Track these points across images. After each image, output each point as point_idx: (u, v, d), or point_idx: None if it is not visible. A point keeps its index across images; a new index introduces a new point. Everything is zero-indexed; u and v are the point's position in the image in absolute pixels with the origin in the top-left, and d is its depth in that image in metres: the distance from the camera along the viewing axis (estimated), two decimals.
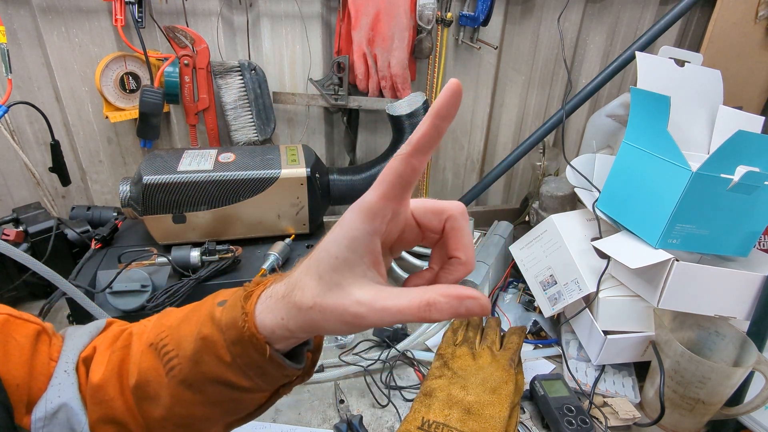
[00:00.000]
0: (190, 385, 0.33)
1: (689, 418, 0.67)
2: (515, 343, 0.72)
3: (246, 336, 0.30)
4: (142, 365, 0.34)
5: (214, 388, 0.32)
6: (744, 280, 0.67)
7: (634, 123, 0.74)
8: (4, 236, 0.77)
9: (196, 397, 0.33)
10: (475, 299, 0.26)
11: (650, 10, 1.09)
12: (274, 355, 0.31)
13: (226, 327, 0.31)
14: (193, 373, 0.32)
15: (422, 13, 0.92)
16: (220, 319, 0.31)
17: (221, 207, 0.81)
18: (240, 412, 0.36)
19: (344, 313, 0.27)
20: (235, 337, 0.30)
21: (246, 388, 0.32)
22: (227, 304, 0.32)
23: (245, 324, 0.30)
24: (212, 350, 0.31)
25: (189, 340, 0.32)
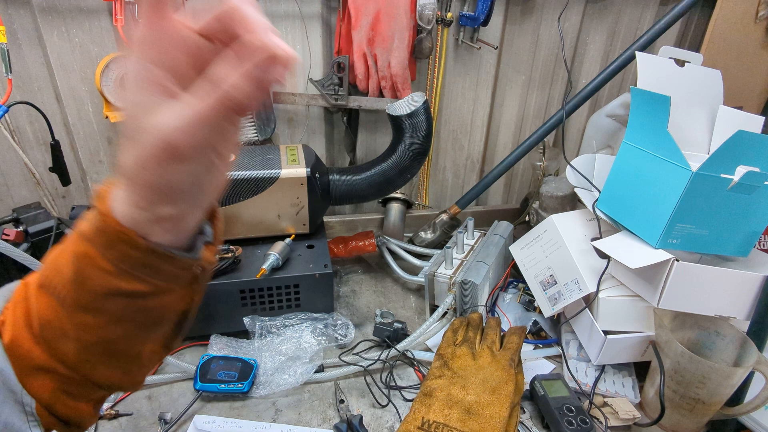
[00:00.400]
0: (86, 307, 0.32)
1: (689, 418, 0.67)
2: (515, 343, 0.72)
3: (112, 234, 0.29)
4: (40, 307, 0.34)
5: (112, 303, 0.31)
6: (744, 280, 0.67)
7: (634, 123, 0.74)
8: (4, 236, 0.77)
9: (99, 319, 0.32)
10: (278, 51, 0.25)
11: (650, 10, 1.09)
12: (151, 245, 0.29)
13: (92, 235, 0.30)
14: (82, 294, 0.31)
15: (422, 13, 0.92)
16: (86, 231, 0.30)
17: (221, 207, 0.81)
18: (161, 322, 0.35)
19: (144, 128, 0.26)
20: (105, 241, 0.29)
21: (145, 293, 0.31)
22: (87, 216, 0.31)
23: (105, 222, 0.29)
24: (91, 264, 0.30)
25: (68, 264, 0.31)
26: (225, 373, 0.71)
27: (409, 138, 0.89)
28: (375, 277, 1.02)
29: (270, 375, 0.72)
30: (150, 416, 0.67)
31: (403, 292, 0.98)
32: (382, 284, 1.00)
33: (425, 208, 1.20)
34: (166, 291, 0.32)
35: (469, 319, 0.78)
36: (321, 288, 0.82)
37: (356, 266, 1.06)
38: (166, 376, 0.73)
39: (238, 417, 0.68)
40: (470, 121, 1.15)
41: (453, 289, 0.85)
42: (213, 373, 0.71)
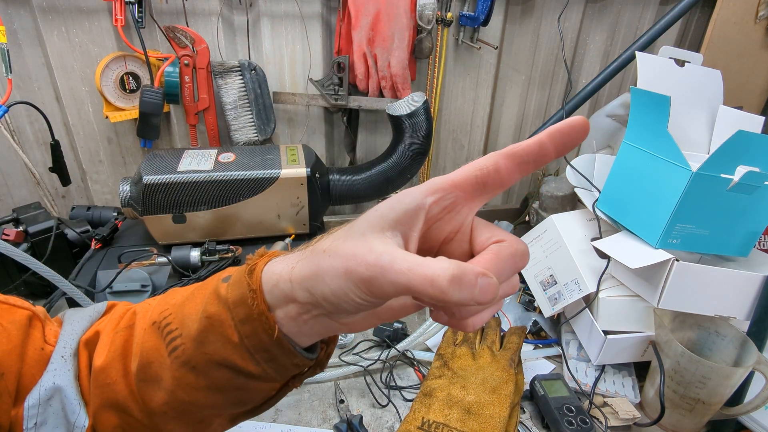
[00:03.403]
0: (194, 368, 0.31)
1: (689, 418, 0.67)
2: (515, 343, 0.72)
3: (255, 314, 0.28)
4: (145, 345, 0.33)
5: (220, 372, 0.30)
6: (744, 280, 0.67)
7: (634, 123, 0.74)
8: (4, 236, 0.77)
9: (200, 381, 0.31)
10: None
11: (650, 10, 1.09)
12: (282, 337, 0.29)
13: (233, 304, 0.29)
14: (197, 354, 0.30)
15: (422, 13, 0.92)
16: (226, 296, 0.29)
17: (221, 207, 0.81)
18: (246, 403, 0.34)
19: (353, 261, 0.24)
20: (244, 315, 0.28)
21: (253, 375, 0.30)
22: (232, 279, 0.30)
23: (254, 301, 0.28)
24: (219, 329, 0.29)
25: (194, 319, 0.30)
26: None
27: (409, 138, 0.89)
28: None
29: None
30: None
31: None
32: None
33: None
34: (271, 379, 0.31)
35: None
36: None
37: None
38: None
39: None
40: (470, 121, 1.15)
41: None
42: None
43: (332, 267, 0.25)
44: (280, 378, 0.32)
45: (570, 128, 0.25)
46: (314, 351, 0.32)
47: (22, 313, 0.35)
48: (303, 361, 0.31)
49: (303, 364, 0.31)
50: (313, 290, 0.26)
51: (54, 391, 0.33)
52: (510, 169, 0.25)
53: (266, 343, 0.29)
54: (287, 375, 0.32)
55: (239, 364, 0.29)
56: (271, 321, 0.28)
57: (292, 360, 0.30)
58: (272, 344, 0.29)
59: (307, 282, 0.27)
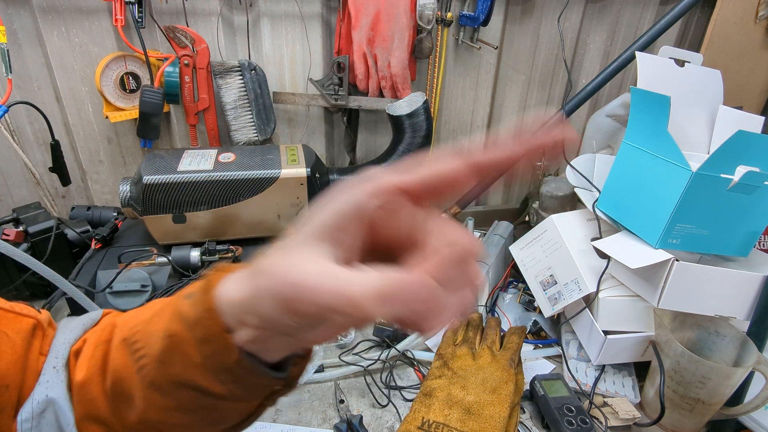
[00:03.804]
0: (159, 388, 0.29)
1: (689, 418, 0.67)
2: (515, 343, 0.72)
3: (213, 334, 0.27)
4: (116, 362, 0.31)
5: (185, 393, 0.29)
6: (744, 280, 0.67)
7: (634, 123, 0.74)
8: (4, 236, 0.77)
9: (167, 402, 0.30)
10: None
11: (650, 10, 1.09)
12: (244, 358, 0.27)
13: (193, 324, 0.27)
14: (161, 374, 0.29)
15: (422, 13, 0.92)
16: (188, 314, 0.28)
17: (221, 207, 0.81)
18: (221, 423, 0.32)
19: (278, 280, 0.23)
20: (203, 336, 0.27)
21: (220, 395, 0.29)
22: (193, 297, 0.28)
23: (210, 317, 0.26)
24: (181, 349, 0.28)
25: (158, 337, 0.29)
26: None
27: (409, 138, 0.89)
28: None
29: None
30: None
31: None
32: None
33: None
34: (241, 399, 0.30)
35: (469, 319, 0.78)
36: None
37: None
38: None
39: None
40: (470, 121, 1.15)
41: None
42: None
43: (264, 288, 0.24)
44: (251, 398, 0.30)
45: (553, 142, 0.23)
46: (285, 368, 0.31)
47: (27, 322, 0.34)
48: (271, 381, 0.29)
49: (272, 383, 0.30)
50: (258, 313, 0.25)
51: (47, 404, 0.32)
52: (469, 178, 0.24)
53: (228, 364, 0.27)
54: (258, 395, 0.30)
55: (204, 386, 0.28)
56: (229, 342, 0.26)
57: (257, 380, 0.28)
58: (234, 365, 0.27)
59: (248, 306, 0.25)
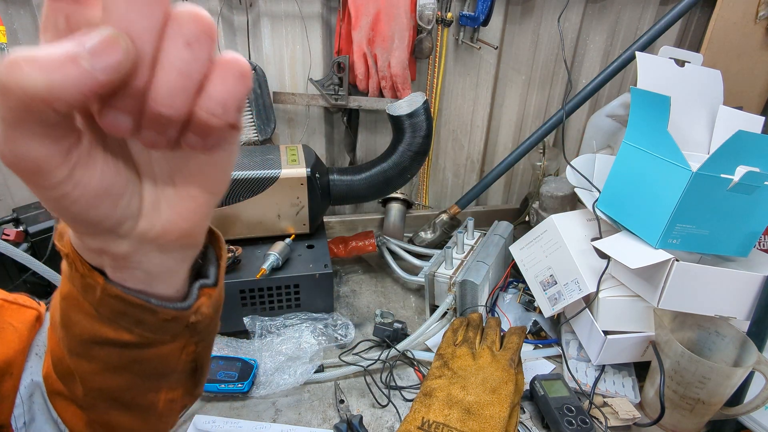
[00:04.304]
0: (78, 353, 0.28)
1: (689, 418, 0.67)
2: (515, 343, 0.72)
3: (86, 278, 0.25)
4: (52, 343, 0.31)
5: (101, 351, 0.28)
6: (744, 280, 0.67)
7: (634, 123, 0.74)
8: (4, 236, 0.77)
9: (93, 366, 0.29)
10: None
11: (650, 10, 1.09)
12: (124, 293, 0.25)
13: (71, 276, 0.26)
14: (71, 338, 0.28)
15: (422, 13, 0.92)
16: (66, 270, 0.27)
17: (221, 207, 0.81)
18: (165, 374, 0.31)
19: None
20: (81, 284, 0.26)
21: (133, 343, 0.27)
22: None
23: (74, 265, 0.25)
24: (76, 306, 0.27)
25: (56, 306, 0.29)
26: (225, 373, 0.71)
27: (409, 138, 0.89)
28: (375, 277, 1.02)
29: (270, 375, 0.72)
30: None
31: (403, 292, 0.98)
32: (382, 284, 1.00)
33: (425, 208, 1.20)
34: (157, 342, 0.28)
35: (469, 319, 0.78)
36: (321, 288, 0.82)
37: (356, 266, 1.06)
38: None
39: (238, 417, 0.68)
40: (470, 121, 1.15)
41: (453, 289, 0.85)
42: (213, 373, 0.71)
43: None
44: (169, 338, 0.29)
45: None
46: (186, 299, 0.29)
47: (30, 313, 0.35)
48: (171, 313, 0.27)
49: (176, 316, 0.28)
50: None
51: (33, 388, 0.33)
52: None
53: (117, 306, 0.26)
54: (171, 332, 0.29)
55: (112, 336, 0.27)
56: (97, 278, 0.25)
57: (157, 316, 0.27)
58: (123, 305, 0.26)
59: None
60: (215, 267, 0.31)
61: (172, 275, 0.27)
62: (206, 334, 0.31)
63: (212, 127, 0.21)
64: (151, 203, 0.24)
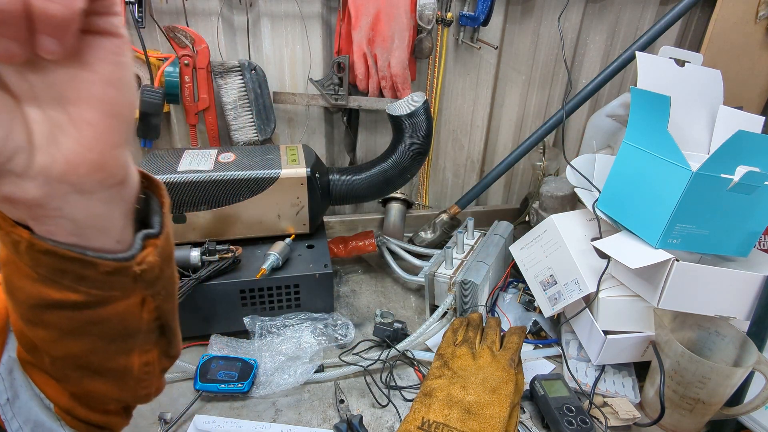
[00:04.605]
0: (31, 321, 0.28)
1: (689, 418, 0.67)
2: (515, 343, 0.72)
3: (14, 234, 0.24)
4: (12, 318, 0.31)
5: (53, 316, 0.27)
6: (744, 280, 0.67)
7: (634, 123, 0.74)
8: None
9: (51, 333, 0.28)
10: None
11: (650, 10, 1.09)
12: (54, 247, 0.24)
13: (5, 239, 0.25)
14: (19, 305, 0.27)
15: (422, 13, 0.92)
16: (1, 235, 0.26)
17: (221, 207, 0.81)
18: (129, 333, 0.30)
19: None
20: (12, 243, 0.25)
21: (83, 303, 0.26)
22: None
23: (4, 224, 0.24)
24: (16, 270, 0.26)
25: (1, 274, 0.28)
26: (225, 373, 0.71)
27: (409, 138, 0.89)
28: (375, 277, 1.02)
29: (270, 375, 0.72)
30: (150, 416, 0.67)
31: (403, 292, 0.98)
32: (382, 284, 1.00)
33: (425, 208, 1.20)
34: (108, 300, 0.27)
35: (469, 319, 0.78)
36: (321, 288, 0.82)
37: (356, 266, 1.06)
38: (166, 376, 0.73)
39: (238, 417, 0.68)
40: (470, 121, 1.15)
41: (453, 289, 0.85)
42: (213, 373, 0.71)
43: None
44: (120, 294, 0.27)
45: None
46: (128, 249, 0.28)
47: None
48: (112, 264, 0.26)
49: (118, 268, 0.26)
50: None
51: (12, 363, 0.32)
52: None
53: (52, 263, 0.25)
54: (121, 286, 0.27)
55: (57, 297, 0.26)
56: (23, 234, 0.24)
57: (98, 269, 0.26)
58: (58, 261, 0.25)
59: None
60: (159, 216, 0.30)
61: (104, 223, 0.26)
62: (161, 287, 0.30)
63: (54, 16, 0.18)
64: (45, 134, 0.22)
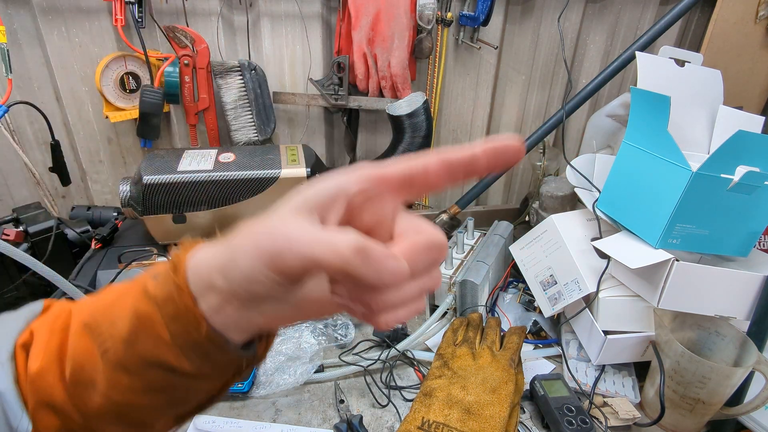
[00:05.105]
0: (127, 369, 0.29)
1: (689, 418, 0.67)
2: (515, 343, 0.72)
3: (183, 310, 0.27)
4: (77, 348, 0.31)
5: (154, 373, 0.29)
6: (744, 280, 0.67)
7: (634, 123, 0.74)
8: (4, 236, 0.77)
9: (135, 383, 0.30)
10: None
11: (650, 10, 1.09)
12: (212, 333, 0.28)
13: (162, 302, 0.28)
14: (129, 354, 0.29)
15: (422, 13, 0.92)
16: (155, 294, 0.28)
17: (221, 207, 0.81)
18: (188, 403, 0.33)
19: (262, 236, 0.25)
20: (173, 313, 0.28)
21: (189, 374, 0.29)
22: (160, 276, 0.29)
23: (179, 294, 0.27)
24: (149, 328, 0.28)
25: (124, 319, 0.29)
26: None
27: (409, 138, 0.89)
28: None
29: (270, 375, 0.72)
30: None
31: None
32: None
33: (425, 208, 1.20)
34: (208, 377, 0.31)
35: (469, 319, 0.78)
36: None
37: None
38: None
39: (238, 417, 0.68)
40: (470, 121, 1.15)
41: (453, 289, 0.85)
42: None
43: (243, 245, 0.25)
44: (218, 375, 0.31)
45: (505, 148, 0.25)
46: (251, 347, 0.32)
47: None
48: (238, 357, 0.30)
49: (239, 360, 0.30)
50: (229, 275, 0.26)
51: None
52: (438, 173, 0.26)
53: (197, 339, 0.28)
54: (225, 372, 0.31)
55: (173, 364, 0.29)
56: (198, 316, 0.28)
57: (226, 357, 0.29)
58: (203, 340, 0.28)
59: (224, 268, 0.26)
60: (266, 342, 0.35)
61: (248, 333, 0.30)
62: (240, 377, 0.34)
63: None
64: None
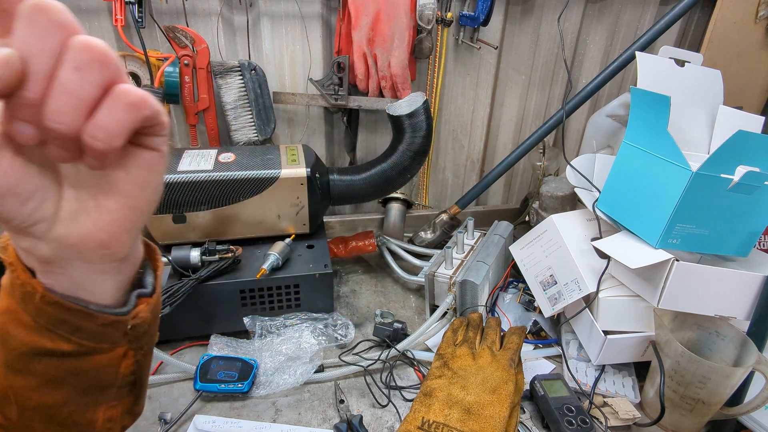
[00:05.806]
0: (15, 368, 0.29)
1: (689, 418, 0.67)
2: (515, 343, 0.72)
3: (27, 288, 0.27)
4: None
5: (40, 364, 0.29)
6: (744, 280, 0.67)
7: (634, 123, 0.74)
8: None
9: (30, 381, 0.29)
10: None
11: (650, 10, 1.09)
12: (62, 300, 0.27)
13: (11, 288, 0.28)
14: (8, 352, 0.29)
15: (422, 13, 0.92)
16: (5, 284, 0.28)
17: (221, 207, 0.81)
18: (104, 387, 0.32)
19: None
20: (21, 294, 0.27)
21: (71, 353, 0.28)
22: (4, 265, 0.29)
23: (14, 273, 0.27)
24: (14, 319, 0.28)
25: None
26: (225, 373, 0.71)
27: (409, 138, 0.89)
28: (375, 277, 1.02)
29: (270, 375, 0.72)
30: (150, 416, 0.67)
31: (403, 292, 0.98)
32: (382, 284, 1.00)
33: (425, 208, 1.20)
34: (96, 351, 0.29)
35: (469, 319, 0.78)
36: (321, 288, 0.82)
37: (356, 266, 1.06)
38: (166, 376, 0.73)
39: (238, 417, 0.68)
40: (470, 121, 1.15)
41: (453, 289, 0.85)
42: (213, 373, 0.71)
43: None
44: (108, 347, 0.30)
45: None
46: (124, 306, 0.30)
47: None
48: (109, 318, 0.29)
49: (114, 321, 0.29)
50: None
51: None
52: None
53: (55, 313, 0.27)
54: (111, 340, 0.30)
55: (50, 347, 0.28)
56: (37, 286, 0.27)
57: (95, 321, 0.28)
58: (62, 312, 0.27)
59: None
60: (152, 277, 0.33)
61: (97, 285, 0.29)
62: (145, 342, 0.33)
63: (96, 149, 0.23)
64: (71, 211, 0.26)
